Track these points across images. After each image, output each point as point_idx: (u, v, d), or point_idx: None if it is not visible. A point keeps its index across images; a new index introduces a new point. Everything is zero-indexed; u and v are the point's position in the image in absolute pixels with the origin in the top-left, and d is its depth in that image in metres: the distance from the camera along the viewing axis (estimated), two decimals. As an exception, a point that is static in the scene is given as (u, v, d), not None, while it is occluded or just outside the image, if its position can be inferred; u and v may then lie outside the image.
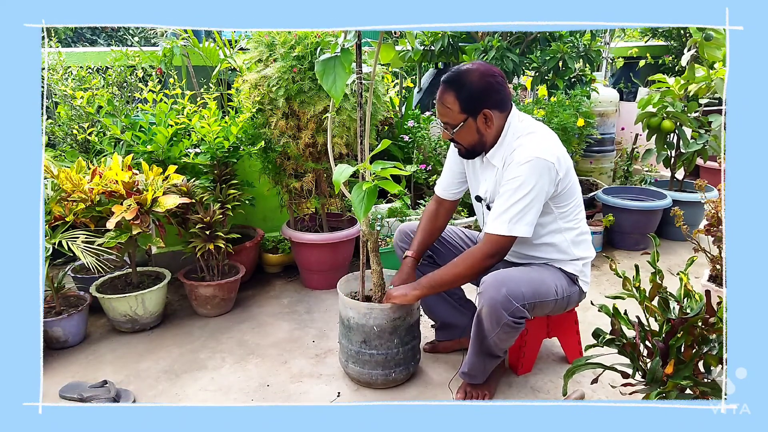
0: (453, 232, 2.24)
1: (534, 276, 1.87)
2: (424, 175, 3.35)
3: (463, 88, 1.78)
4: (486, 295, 1.77)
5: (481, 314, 1.81)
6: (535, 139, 1.82)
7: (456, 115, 1.81)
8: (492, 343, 1.85)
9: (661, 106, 3.54)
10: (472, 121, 1.82)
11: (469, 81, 1.78)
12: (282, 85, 2.51)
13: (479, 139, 1.86)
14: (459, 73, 1.80)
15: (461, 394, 2.02)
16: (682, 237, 3.42)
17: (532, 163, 1.75)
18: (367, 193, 1.66)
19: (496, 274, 1.81)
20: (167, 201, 2.36)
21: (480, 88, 1.79)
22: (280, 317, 2.70)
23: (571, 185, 1.89)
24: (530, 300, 1.80)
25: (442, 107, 1.83)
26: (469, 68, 1.80)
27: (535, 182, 1.75)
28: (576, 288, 1.98)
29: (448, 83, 1.80)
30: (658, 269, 1.54)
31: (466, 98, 1.78)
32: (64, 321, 2.34)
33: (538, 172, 1.75)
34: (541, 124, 1.92)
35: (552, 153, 1.79)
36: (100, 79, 2.98)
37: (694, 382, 1.35)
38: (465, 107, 1.80)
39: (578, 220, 1.96)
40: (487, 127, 1.84)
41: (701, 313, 1.39)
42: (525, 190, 1.75)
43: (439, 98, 1.83)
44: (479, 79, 1.78)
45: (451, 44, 3.95)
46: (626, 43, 6.03)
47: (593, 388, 2.05)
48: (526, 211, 1.76)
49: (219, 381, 2.17)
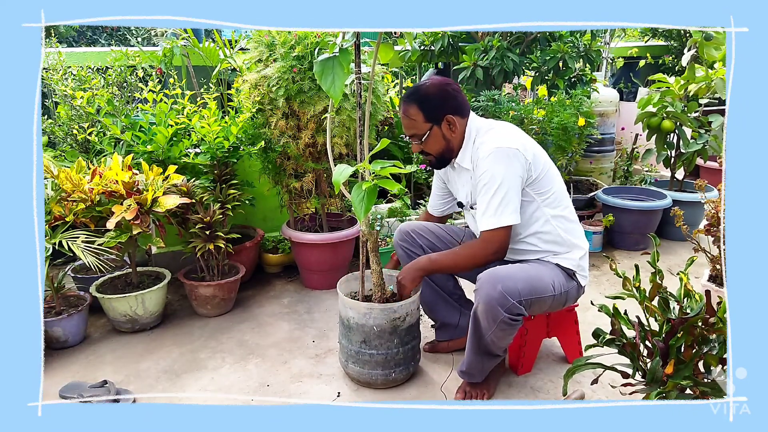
0: (451, 230, 2.24)
1: (530, 272, 1.87)
2: (424, 175, 3.35)
3: (423, 98, 1.91)
4: (482, 292, 1.79)
5: (477, 312, 1.82)
6: (495, 133, 1.92)
7: (421, 125, 1.92)
8: (489, 341, 1.85)
9: (661, 106, 3.54)
10: (437, 129, 1.93)
11: (427, 92, 1.91)
12: (282, 85, 2.51)
13: (446, 145, 1.96)
14: (416, 87, 1.94)
15: (460, 393, 2.02)
16: (682, 237, 3.43)
17: (494, 153, 1.83)
18: (367, 192, 1.66)
19: (491, 272, 1.82)
20: (167, 201, 2.36)
21: (438, 96, 1.91)
22: (280, 317, 2.70)
23: (547, 171, 1.95)
24: (527, 296, 1.80)
25: (407, 120, 1.94)
26: (424, 83, 1.95)
27: (504, 170, 1.82)
28: (574, 283, 1.98)
29: (408, 98, 1.93)
30: (658, 269, 1.54)
31: (428, 107, 1.90)
32: (64, 321, 2.34)
33: (503, 160, 1.83)
34: (501, 121, 2.03)
35: (514, 141, 1.87)
36: (100, 79, 2.98)
37: (694, 382, 1.35)
38: (428, 116, 1.91)
39: (564, 206, 1.99)
40: (452, 132, 1.94)
41: (701, 313, 1.39)
42: (498, 181, 1.82)
43: (404, 113, 1.94)
44: (436, 89, 1.92)
45: (451, 44, 3.95)
46: (626, 43, 6.03)
47: (593, 388, 2.05)
48: (507, 199, 1.82)
49: (219, 381, 2.17)
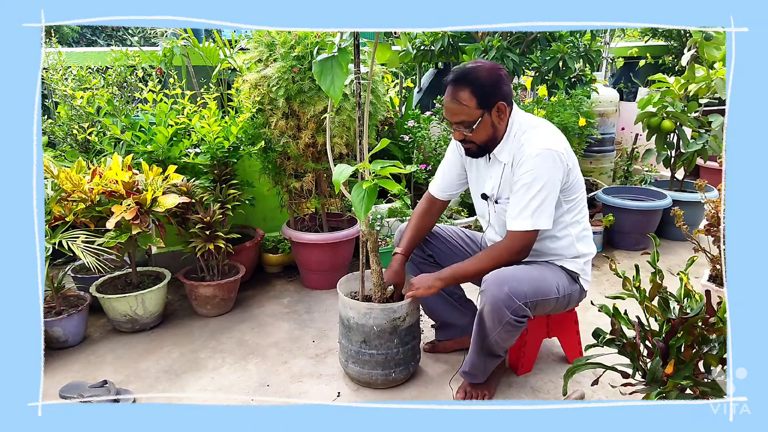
0: (453, 232, 2.24)
1: (536, 274, 1.86)
2: (424, 175, 3.35)
3: (476, 82, 1.77)
4: (488, 293, 1.78)
5: (482, 313, 1.81)
6: (541, 133, 1.85)
7: (473, 111, 1.79)
8: (493, 342, 1.85)
9: (661, 106, 3.54)
10: (488, 116, 1.82)
11: (480, 75, 1.78)
12: (282, 85, 2.51)
13: (493, 134, 1.86)
14: (468, 70, 1.80)
15: (461, 393, 2.02)
16: (682, 237, 3.42)
17: (543, 154, 1.78)
18: (367, 192, 1.66)
19: (497, 273, 1.81)
20: (167, 201, 2.36)
21: (492, 81, 1.79)
22: (280, 317, 2.70)
23: (578, 178, 1.92)
24: (532, 298, 1.80)
25: (457, 106, 1.80)
26: (475, 65, 1.81)
27: (548, 173, 1.78)
28: (577, 286, 1.98)
29: (459, 81, 1.79)
30: (658, 269, 1.54)
31: (482, 92, 1.78)
32: (64, 321, 2.34)
33: (550, 163, 1.78)
34: (542, 119, 1.95)
35: (560, 144, 1.83)
36: (100, 79, 2.98)
37: (694, 382, 1.35)
38: (481, 102, 1.79)
39: (583, 215, 1.98)
40: (500, 121, 1.85)
41: (701, 313, 1.39)
42: (540, 183, 1.77)
43: (453, 97, 1.80)
44: (489, 73, 1.79)
45: (451, 44, 3.95)
46: (626, 43, 6.03)
47: (593, 388, 2.05)
48: (546, 203, 1.79)
49: (219, 381, 2.17)
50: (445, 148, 3.44)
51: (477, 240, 2.23)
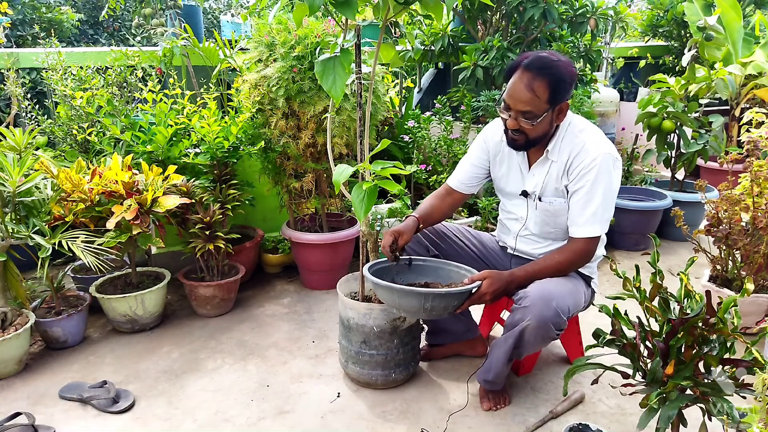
0: (458, 231, 2.18)
1: (570, 286, 1.82)
2: (424, 175, 3.35)
3: (555, 77, 1.69)
4: (534, 310, 1.70)
5: (525, 329, 1.72)
6: (593, 135, 1.82)
7: (542, 104, 1.71)
8: (523, 353, 1.82)
9: (662, 107, 3.54)
10: (551, 113, 1.75)
11: (560, 70, 1.70)
12: (282, 85, 2.51)
13: (548, 131, 1.81)
14: (551, 62, 1.70)
15: (488, 403, 1.96)
16: (682, 237, 3.42)
17: (606, 159, 1.76)
18: (367, 192, 1.66)
19: (540, 289, 1.74)
20: (167, 201, 2.36)
21: (569, 80, 1.72)
22: (280, 317, 2.70)
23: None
24: (573, 312, 1.78)
25: (528, 94, 1.70)
26: (557, 58, 1.73)
27: (610, 178, 1.77)
28: (591, 289, 1.98)
29: (539, 70, 1.69)
30: (658, 269, 1.54)
31: (557, 88, 1.70)
32: (64, 321, 2.34)
33: (612, 168, 1.77)
34: (587, 120, 1.91)
35: (614, 148, 1.81)
36: (100, 79, 2.98)
37: (694, 382, 1.35)
38: (552, 97, 1.71)
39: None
40: (558, 120, 1.79)
41: (701, 313, 1.39)
42: (605, 188, 1.76)
43: (527, 85, 1.70)
44: (568, 70, 1.72)
45: (451, 44, 3.95)
46: (626, 43, 6.02)
47: (593, 389, 2.05)
48: (610, 209, 1.79)
49: (219, 381, 2.17)
50: (445, 148, 3.45)
51: (484, 241, 2.19)
